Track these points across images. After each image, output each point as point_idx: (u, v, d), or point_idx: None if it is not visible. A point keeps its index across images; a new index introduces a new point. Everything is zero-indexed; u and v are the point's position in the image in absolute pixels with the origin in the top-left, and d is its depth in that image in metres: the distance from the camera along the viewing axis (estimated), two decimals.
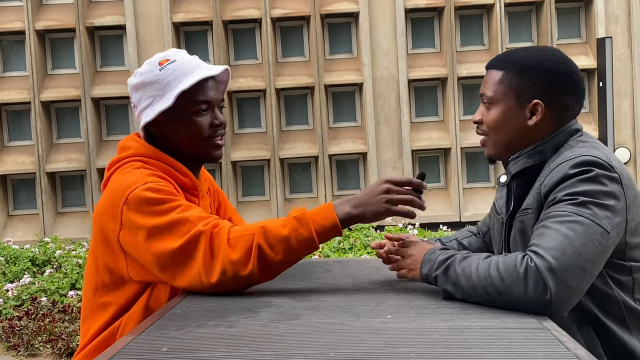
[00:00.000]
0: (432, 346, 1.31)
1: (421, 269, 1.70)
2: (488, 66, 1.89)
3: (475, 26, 10.97)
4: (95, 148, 10.57)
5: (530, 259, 1.53)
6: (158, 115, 1.91)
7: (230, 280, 1.72)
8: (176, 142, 1.96)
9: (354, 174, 10.97)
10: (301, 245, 1.74)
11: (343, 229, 1.77)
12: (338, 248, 6.71)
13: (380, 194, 1.78)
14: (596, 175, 1.63)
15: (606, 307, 1.70)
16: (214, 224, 1.76)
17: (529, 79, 1.78)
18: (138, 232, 1.78)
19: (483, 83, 1.88)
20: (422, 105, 10.94)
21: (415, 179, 1.81)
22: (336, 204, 1.79)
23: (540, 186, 1.70)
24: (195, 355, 1.30)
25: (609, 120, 9.19)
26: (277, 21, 10.87)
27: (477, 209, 10.44)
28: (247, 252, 1.72)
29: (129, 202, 1.79)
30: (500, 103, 1.81)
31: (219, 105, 1.98)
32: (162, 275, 1.78)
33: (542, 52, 1.81)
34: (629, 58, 10.62)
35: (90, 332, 1.93)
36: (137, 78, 1.95)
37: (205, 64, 1.98)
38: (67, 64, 10.92)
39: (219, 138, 1.98)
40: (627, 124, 10.61)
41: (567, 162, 1.67)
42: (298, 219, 1.75)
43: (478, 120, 1.87)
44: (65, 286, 5.66)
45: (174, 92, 1.89)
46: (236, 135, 11.08)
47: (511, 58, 1.82)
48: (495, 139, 1.83)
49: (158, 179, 1.85)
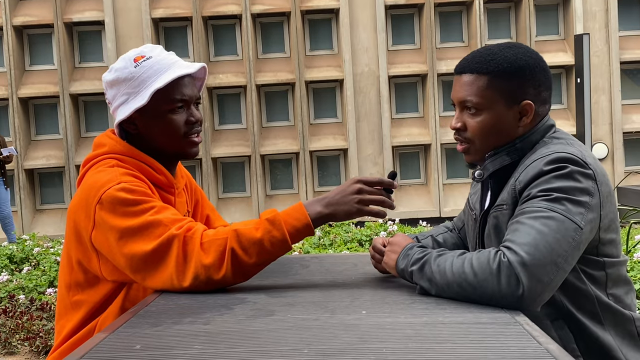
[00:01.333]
0: (406, 341, 1.32)
1: (398, 262, 1.71)
2: (462, 69, 1.81)
3: (455, 23, 11.03)
4: (74, 145, 10.51)
5: (503, 255, 1.54)
6: (133, 113, 1.89)
7: (203, 284, 1.72)
8: (152, 140, 1.94)
9: (335, 170, 11.00)
10: (274, 247, 1.74)
11: (315, 229, 1.77)
12: (318, 244, 6.71)
13: (352, 194, 1.78)
14: (570, 171, 1.64)
15: (579, 302, 1.72)
16: (187, 227, 1.76)
17: (516, 81, 1.76)
18: (110, 232, 1.77)
19: (459, 88, 1.80)
20: (403, 101, 10.99)
21: (387, 178, 1.82)
22: (307, 204, 1.79)
23: (515, 182, 1.71)
24: (170, 352, 1.29)
25: (586, 116, 9.27)
26: (258, 17, 10.87)
27: (457, 204, 10.50)
28: (220, 256, 1.72)
29: (102, 202, 1.78)
30: (491, 109, 1.77)
31: (195, 102, 1.97)
32: (134, 277, 1.78)
33: (518, 50, 1.80)
34: (607, 54, 10.72)
35: (64, 331, 1.92)
36: (112, 74, 1.93)
37: (182, 61, 1.96)
38: (46, 60, 10.85)
39: (196, 135, 1.97)
40: (605, 120, 10.71)
41: (542, 158, 1.68)
42: (270, 221, 1.75)
43: (460, 127, 1.82)
44: (44, 284, 5.62)
45: (149, 90, 1.87)
46: (216, 132, 11.06)
47: (492, 60, 1.77)
48: (482, 145, 1.80)
49: (132, 179, 1.84)
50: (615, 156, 10.63)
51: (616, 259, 1.75)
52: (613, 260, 1.75)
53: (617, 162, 10.60)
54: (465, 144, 1.83)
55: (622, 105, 10.65)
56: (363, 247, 6.87)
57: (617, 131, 10.62)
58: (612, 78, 10.60)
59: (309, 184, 10.56)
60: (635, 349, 1.75)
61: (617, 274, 1.76)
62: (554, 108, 10.48)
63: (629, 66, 10.84)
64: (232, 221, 9.97)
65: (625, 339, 1.75)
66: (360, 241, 7.04)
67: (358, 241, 7.04)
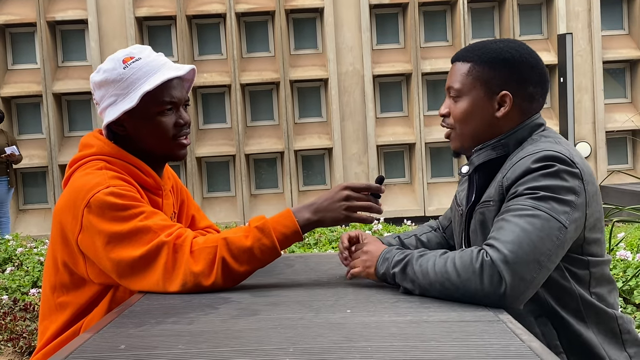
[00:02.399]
0: (391, 340, 1.32)
1: (377, 267, 1.72)
2: (454, 59, 1.87)
3: (439, 22, 11.06)
4: (57, 144, 10.44)
5: (485, 253, 1.55)
6: (122, 114, 1.88)
7: (189, 290, 1.73)
8: (140, 142, 1.93)
9: (320, 169, 11.00)
10: (264, 255, 1.76)
11: (303, 235, 1.79)
12: (303, 243, 6.71)
13: (340, 201, 1.80)
14: (557, 170, 1.65)
15: (563, 300, 1.73)
16: (177, 234, 1.76)
17: (497, 71, 1.79)
18: (98, 236, 1.76)
19: (449, 76, 1.87)
20: (387, 100, 11.01)
21: (374, 183, 1.83)
22: (295, 211, 1.81)
23: (503, 179, 1.72)
24: (154, 352, 1.29)
25: (569, 115, 9.33)
26: (242, 16, 10.84)
27: (442, 203, 10.54)
28: (209, 264, 1.73)
29: (91, 206, 1.76)
30: (469, 95, 1.81)
31: (184, 104, 1.96)
32: (120, 281, 1.78)
33: (508, 43, 1.83)
34: (589, 54, 10.79)
35: (48, 332, 1.91)
36: (100, 75, 1.91)
37: (171, 62, 1.95)
38: (28, 59, 10.77)
39: (184, 137, 1.96)
40: (588, 119, 10.79)
41: (530, 156, 1.69)
42: (260, 228, 1.76)
43: (445, 113, 1.87)
44: (27, 284, 5.58)
45: (138, 92, 1.85)
46: (201, 131, 11.02)
47: (479, 50, 1.82)
48: (462, 131, 1.84)
49: (122, 183, 1.82)
50: (598, 155, 10.71)
51: (600, 258, 1.77)
52: (597, 260, 1.76)
53: (600, 161, 10.68)
54: (448, 128, 1.87)
55: (604, 104, 10.73)
56: None
57: (600, 130, 10.70)
58: (595, 77, 10.68)
59: (294, 183, 10.56)
60: (617, 346, 1.77)
61: (600, 273, 1.77)
62: None
63: (612, 65, 10.92)
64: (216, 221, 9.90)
65: (608, 337, 1.76)
66: None
67: None
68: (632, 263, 4.81)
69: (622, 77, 11.07)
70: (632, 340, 1.80)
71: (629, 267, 4.76)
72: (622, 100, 11.02)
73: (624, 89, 11.07)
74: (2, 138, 8.64)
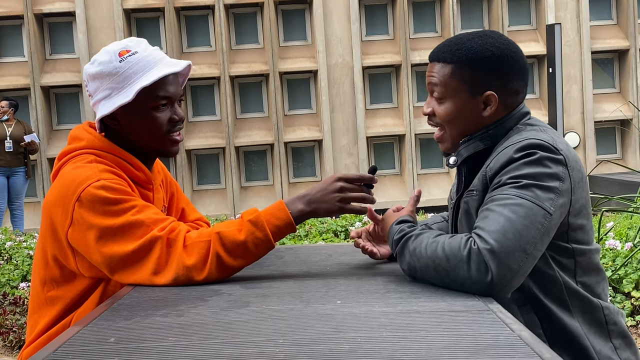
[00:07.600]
0: (380, 330, 1.32)
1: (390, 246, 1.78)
2: (434, 58, 1.85)
3: (428, 13, 11.06)
4: (46, 137, 10.39)
5: (473, 242, 1.56)
6: (117, 109, 1.86)
7: (182, 284, 1.73)
8: (133, 136, 1.91)
9: (310, 161, 10.99)
10: (258, 248, 1.76)
11: (297, 226, 1.79)
12: (294, 235, 6.72)
13: (333, 193, 1.80)
14: (540, 157, 1.66)
15: (546, 287, 1.73)
16: (170, 228, 1.75)
17: (480, 71, 1.78)
18: (89, 231, 1.75)
19: (430, 74, 1.84)
20: (377, 92, 11.00)
21: (367, 173, 1.83)
22: (288, 202, 1.80)
23: (487, 169, 1.72)
24: (144, 344, 1.29)
25: (558, 106, 9.36)
26: (231, 8, 10.80)
27: (432, 194, 10.56)
28: (203, 258, 1.72)
29: (82, 200, 1.75)
30: (453, 97, 1.80)
31: (178, 100, 1.95)
32: (111, 275, 1.77)
33: (487, 39, 1.81)
34: (578, 44, 10.82)
35: (38, 326, 1.90)
36: (95, 67, 1.89)
37: (168, 57, 1.94)
38: (16, 52, 10.70)
39: (177, 133, 1.95)
40: (577, 109, 10.82)
41: (513, 145, 1.70)
42: (253, 222, 1.75)
43: (429, 113, 1.86)
44: (16, 278, 5.56)
45: (134, 87, 1.83)
46: (191, 124, 10.99)
47: (458, 50, 1.79)
48: (452, 131, 1.83)
49: (113, 176, 1.81)
50: (587, 145, 10.75)
51: (586, 246, 1.77)
52: (583, 248, 1.76)
53: (589, 151, 10.73)
54: (441, 130, 1.86)
55: (593, 94, 10.77)
56: (338, 238, 6.89)
57: (589, 120, 10.74)
58: (584, 67, 10.71)
59: (284, 175, 10.55)
60: (603, 337, 1.77)
61: (587, 262, 1.77)
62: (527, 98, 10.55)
63: (600, 56, 10.96)
64: (206, 214, 9.88)
65: (593, 327, 1.76)
66: (335, 232, 7.06)
67: (333, 232, 7.05)
68: (621, 252, 4.84)
69: (610, 67, 11.10)
70: (619, 332, 1.79)
71: (618, 256, 4.79)
72: (611, 90, 11.07)
73: (613, 79, 11.11)
74: (19, 128, 8.67)
